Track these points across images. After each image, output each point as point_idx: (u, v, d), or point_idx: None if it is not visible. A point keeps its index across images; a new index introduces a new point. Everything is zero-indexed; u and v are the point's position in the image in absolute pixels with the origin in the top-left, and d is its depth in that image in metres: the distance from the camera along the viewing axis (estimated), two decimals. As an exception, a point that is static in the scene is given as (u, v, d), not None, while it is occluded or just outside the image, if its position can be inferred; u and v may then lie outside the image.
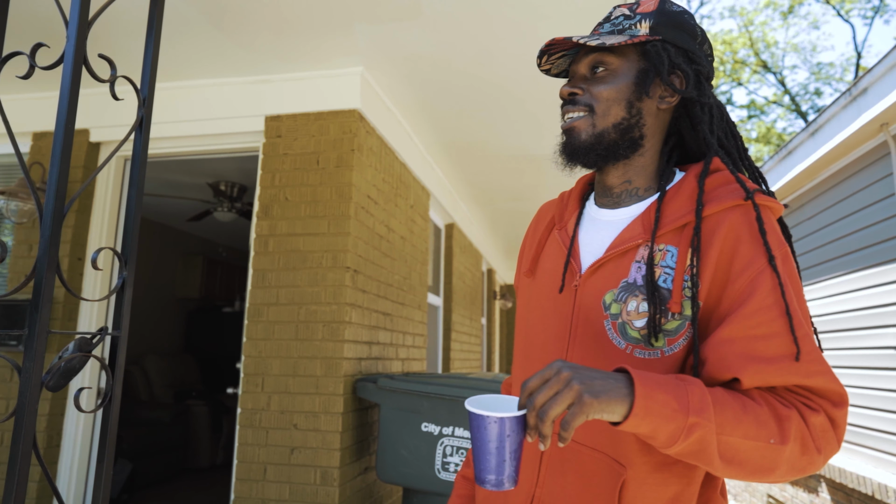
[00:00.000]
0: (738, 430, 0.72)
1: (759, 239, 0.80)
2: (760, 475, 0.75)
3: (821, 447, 0.75)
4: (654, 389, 0.71)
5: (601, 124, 0.92)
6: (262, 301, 2.88)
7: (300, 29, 2.61)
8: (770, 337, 0.76)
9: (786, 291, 0.77)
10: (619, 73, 0.92)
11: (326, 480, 2.65)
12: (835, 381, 0.76)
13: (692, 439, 0.71)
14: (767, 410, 0.74)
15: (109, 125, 3.21)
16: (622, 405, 0.70)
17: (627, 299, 0.85)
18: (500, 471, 0.72)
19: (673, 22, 0.92)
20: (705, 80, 0.94)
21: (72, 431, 3.01)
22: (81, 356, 1.22)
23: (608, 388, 0.70)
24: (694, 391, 0.72)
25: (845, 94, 3.62)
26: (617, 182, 0.95)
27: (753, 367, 0.75)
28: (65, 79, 1.14)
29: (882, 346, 3.55)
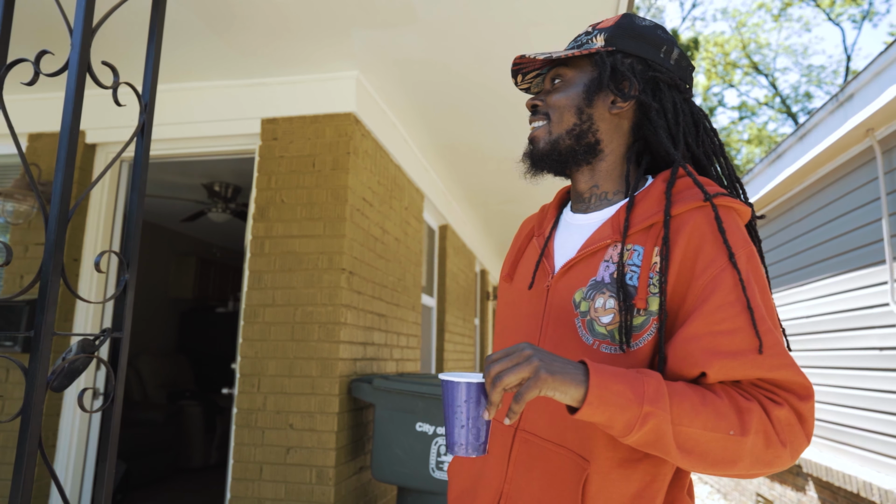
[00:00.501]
0: (697, 422, 0.74)
1: (721, 238, 0.83)
2: (724, 467, 0.77)
3: (785, 440, 0.77)
4: (609, 380, 0.75)
5: (556, 131, 0.98)
6: (258, 302, 2.90)
7: (297, 33, 2.64)
8: (733, 332, 0.78)
9: (748, 288, 0.80)
10: (573, 82, 0.99)
11: (322, 479, 2.68)
12: (799, 374, 0.78)
13: (647, 428, 0.73)
14: (728, 403, 0.77)
15: (106, 127, 3.23)
16: (577, 390, 0.74)
17: (595, 297, 0.89)
18: (460, 435, 0.77)
19: (631, 34, 0.97)
20: (668, 87, 0.97)
21: (67, 431, 3.03)
22: (85, 357, 1.25)
23: (566, 370, 0.75)
24: (650, 382, 0.75)
25: (832, 100, 3.69)
26: (585, 187, 1.01)
27: (718, 362, 0.78)
28: (69, 86, 1.17)
29: (867, 346, 3.62)
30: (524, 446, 0.92)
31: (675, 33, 18.08)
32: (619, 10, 2.52)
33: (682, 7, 22.12)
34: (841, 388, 3.91)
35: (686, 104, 0.99)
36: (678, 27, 19.00)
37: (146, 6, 2.44)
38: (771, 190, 4.81)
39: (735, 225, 0.86)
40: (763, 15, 18.02)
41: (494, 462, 0.96)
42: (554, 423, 0.89)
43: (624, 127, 0.99)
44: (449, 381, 0.78)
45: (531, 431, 0.92)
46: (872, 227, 3.57)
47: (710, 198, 0.86)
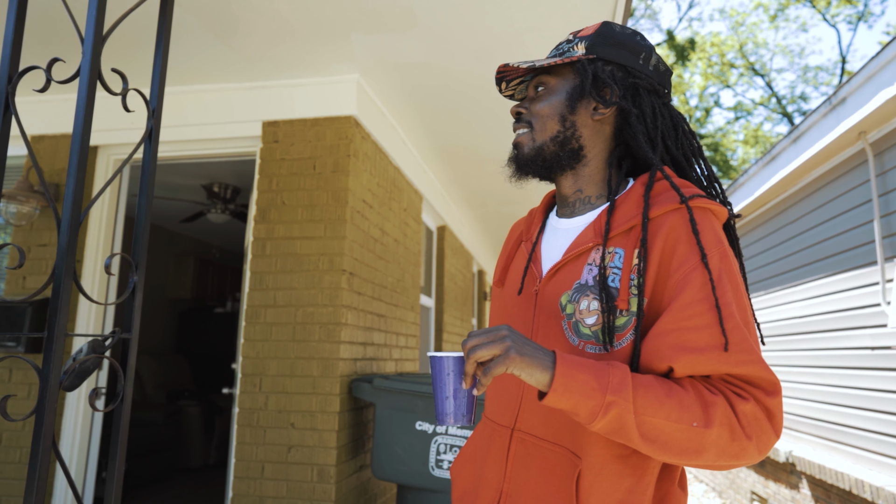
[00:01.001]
0: (661, 413, 0.78)
1: (694, 239, 0.87)
2: (689, 457, 0.80)
3: (751, 434, 0.79)
4: (576, 369, 0.80)
5: (540, 138, 1.02)
6: (259, 303, 2.94)
7: (298, 38, 2.67)
8: (700, 329, 0.81)
9: (718, 286, 0.83)
10: (555, 90, 1.02)
11: (323, 478, 2.72)
12: (766, 370, 0.81)
13: (610, 416, 0.78)
14: (693, 396, 0.80)
15: (108, 129, 3.25)
16: (543, 374, 0.80)
17: (580, 299, 0.92)
18: (446, 405, 0.86)
19: (611, 41, 1.01)
20: (647, 93, 1.01)
21: (70, 431, 3.06)
22: (95, 357, 1.28)
23: (535, 355, 0.81)
24: (615, 373, 0.80)
25: (825, 103, 3.74)
26: (570, 192, 1.04)
27: (684, 357, 0.81)
28: (80, 93, 1.20)
29: (859, 346, 3.67)
30: (521, 446, 0.96)
31: (670, 34, 18.15)
32: (617, 14, 2.56)
33: (679, 8, 22.20)
34: (834, 387, 3.96)
35: (665, 108, 1.03)
36: (674, 28, 19.08)
37: (151, 11, 2.47)
38: (766, 191, 4.86)
39: (709, 225, 0.89)
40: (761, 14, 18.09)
41: (494, 462, 1.00)
42: (549, 423, 0.93)
43: (606, 132, 1.03)
44: (434, 356, 0.86)
45: (527, 431, 0.96)
46: (864, 229, 3.63)
47: (686, 200, 0.89)
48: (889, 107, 3.16)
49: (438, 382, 0.86)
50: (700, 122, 19.17)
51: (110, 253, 3.22)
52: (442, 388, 0.85)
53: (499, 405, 1.03)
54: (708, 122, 19.33)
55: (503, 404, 1.02)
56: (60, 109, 3.34)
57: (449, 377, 0.85)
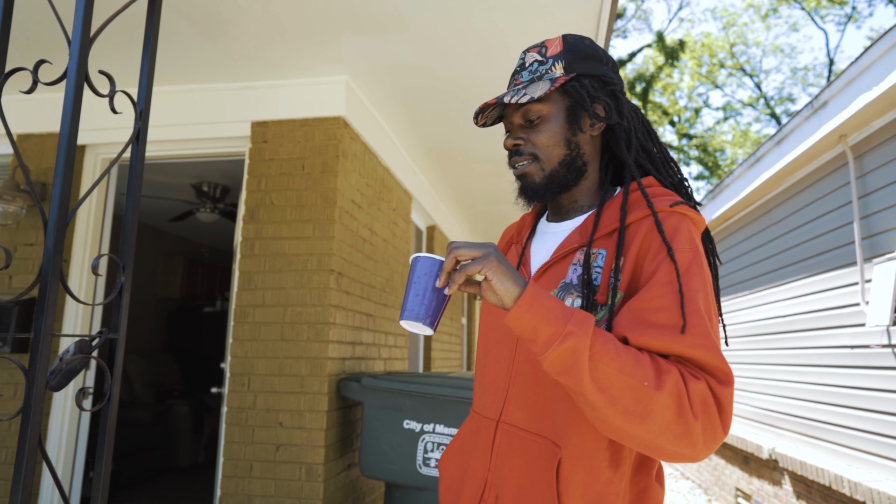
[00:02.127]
0: (615, 363, 0.79)
1: (672, 236, 0.91)
2: (634, 419, 0.78)
3: (698, 414, 0.78)
4: (544, 297, 0.83)
5: (549, 166, 1.03)
6: (248, 303, 2.95)
7: (287, 39, 2.69)
8: (661, 309, 0.85)
9: (684, 276, 0.87)
10: (551, 117, 1.02)
11: (311, 476, 2.74)
12: (720, 358, 0.82)
13: (566, 346, 0.78)
14: (648, 358, 0.81)
15: (95, 128, 3.25)
16: (514, 287, 0.83)
17: (565, 297, 0.97)
18: (414, 303, 0.88)
19: (582, 55, 1.04)
20: (621, 94, 1.06)
21: (57, 431, 3.06)
22: (82, 358, 1.30)
23: (511, 271, 0.85)
24: (580, 312, 0.83)
25: (808, 106, 3.80)
26: (567, 203, 1.09)
27: (640, 330, 0.84)
28: (67, 95, 1.22)
29: (839, 345, 3.74)
30: (505, 437, 0.99)
31: (660, 35, 18.26)
32: (602, 18, 2.59)
33: (669, 9, 22.34)
34: (815, 385, 4.03)
35: (630, 105, 1.07)
36: (665, 28, 19.19)
37: (138, 11, 2.47)
38: (750, 193, 4.92)
39: (686, 228, 0.93)
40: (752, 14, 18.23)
41: (479, 453, 1.03)
42: (532, 415, 0.97)
43: (598, 143, 1.08)
44: (416, 256, 0.89)
45: (512, 423, 0.99)
46: (845, 230, 3.69)
47: (653, 208, 0.94)
48: (868, 110, 3.23)
49: (414, 281, 0.88)
50: (690, 123, 19.31)
51: (98, 252, 3.22)
52: (416, 286, 0.87)
53: (485, 398, 1.07)
54: (697, 122, 19.47)
55: (489, 398, 1.06)
56: (47, 108, 3.33)
57: (426, 277, 0.88)
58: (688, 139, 19.02)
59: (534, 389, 0.98)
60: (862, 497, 3.10)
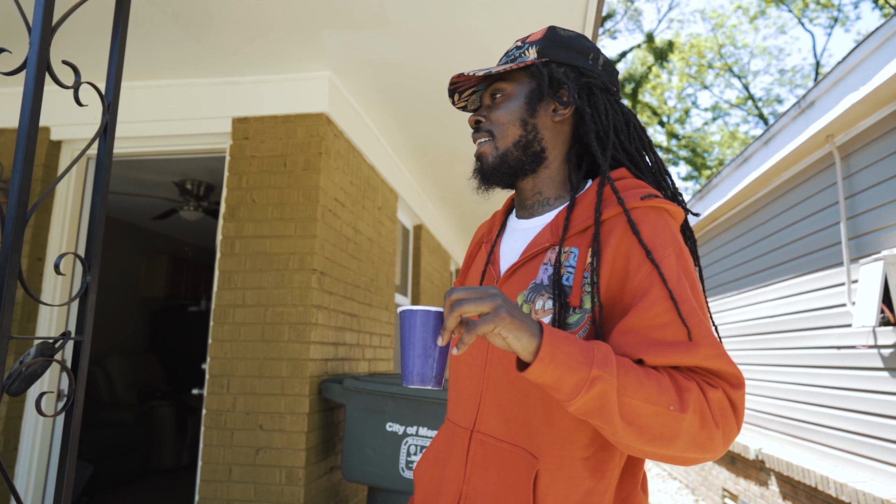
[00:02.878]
0: (640, 394, 0.76)
1: (652, 238, 0.87)
2: (662, 443, 0.78)
3: (718, 422, 0.79)
4: (562, 341, 0.77)
5: (502, 145, 1.01)
6: (228, 303, 2.89)
7: (268, 33, 2.63)
8: (667, 325, 0.82)
9: (678, 284, 0.84)
10: (513, 96, 1.02)
11: (292, 480, 2.68)
12: (731, 364, 0.82)
13: (593, 392, 0.75)
14: (669, 380, 0.79)
15: (71, 123, 3.18)
16: (530, 340, 0.75)
17: (535, 299, 0.92)
18: (416, 365, 0.77)
19: (560, 44, 1.02)
20: (600, 91, 1.02)
21: (30, 435, 2.98)
22: (43, 361, 1.24)
23: (524, 319, 0.77)
24: (600, 348, 0.78)
25: (795, 106, 3.79)
26: (529, 194, 1.05)
27: (654, 350, 0.81)
28: (27, 85, 1.16)
29: (824, 345, 3.73)
30: (480, 447, 0.95)
31: (650, 36, 18.31)
32: (588, 15, 2.56)
33: (659, 10, 22.43)
34: (801, 386, 4.02)
35: (617, 104, 1.04)
36: (655, 29, 19.26)
37: (111, 4, 2.41)
38: (738, 193, 4.92)
39: (664, 224, 0.89)
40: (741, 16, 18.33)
41: (454, 465, 0.99)
42: (507, 424, 0.92)
43: (565, 132, 1.04)
44: (407, 310, 0.79)
45: (486, 433, 0.95)
46: (831, 231, 3.69)
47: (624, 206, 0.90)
48: (855, 110, 3.22)
49: (408, 339, 0.78)
50: (679, 123, 19.39)
51: (74, 250, 3.15)
52: (412, 345, 0.78)
53: (459, 407, 1.03)
54: (686, 122, 19.56)
55: (463, 406, 1.01)
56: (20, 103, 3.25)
57: (423, 333, 0.78)
58: (677, 139, 19.11)
59: (508, 397, 0.93)
60: (848, 498, 3.09)
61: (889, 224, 3.12)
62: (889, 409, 3.10)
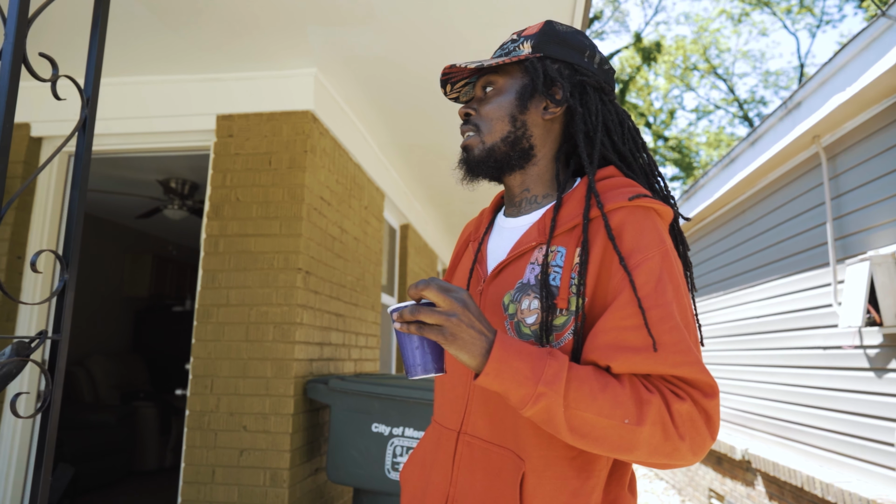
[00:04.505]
0: (593, 407, 0.77)
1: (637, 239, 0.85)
2: (621, 453, 0.79)
3: (684, 434, 0.79)
4: (513, 357, 0.78)
5: (489, 140, 0.99)
6: (211, 302, 2.85)
7: (252, 29, 2.60)
8: (638, 328, 0.81)
9: (657, 286, 0.82)
10: (504, 90, 1.00)
11: (276, 482, 2.65)
12: (703, 372, 0.80)
13: (539, 407, 0.78)
14: (629, 393, 0.79)
15: (52, 120, 3.12)
16: (473, 359, 0.79)
17: (521, 299, 0.91)
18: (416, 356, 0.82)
19: (556, 39, 1.00)
20: (593, 90, 1.00)
21: (8, 436, 2.92)
22: (19, 361, 1.20)
23: (473, 342, 0.79)
24: (552, 364, 0.78)
25: (781, 107, 3.81)
26: (517, 191, 1.03)
27: (621, 356, 0.80)
28: (2, 79, 1.12)
29: (811, 346, 3.75)
30: (467, 449, 0.94)
31: (637, 37, 18.41)
32: (576, 13, 2.55)
33: (646, 13, 22.57)
34: (788, 386, 4.04)
35: (611, 104, 1.02)
36: (641, 31, 19.37)
37: None
38: (724, 193, 4.94)
39: (651, 225, 0.87)
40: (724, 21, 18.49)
41: (441, 467, 0.98)
42: (494, 426, 0.91)
43: (555, 130, 1.02)
44: (396, 307, 0.83)
45: (473, 434, 0.94)
46: (818, 231, 3.71)
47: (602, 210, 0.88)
48: (841, 111, 3.24)
49: (403, 334, 0.82)
50: (665, 124, 19.51)
51: (56, 248, 3.09)
52: (409, 338, 0.82)
53: (446, 408, 1.01)
54: (672, 123, 19.68)
55: (450, 407, 1.00)
56: (2, 98, 3.18)
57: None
58: (663, 140, 19.23)
59: (495, 399, 0.92)
60: (834, 498, 3.10)
61: (875, 224, 3.14)
62: (874, 409, 3.12)
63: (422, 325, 0.79)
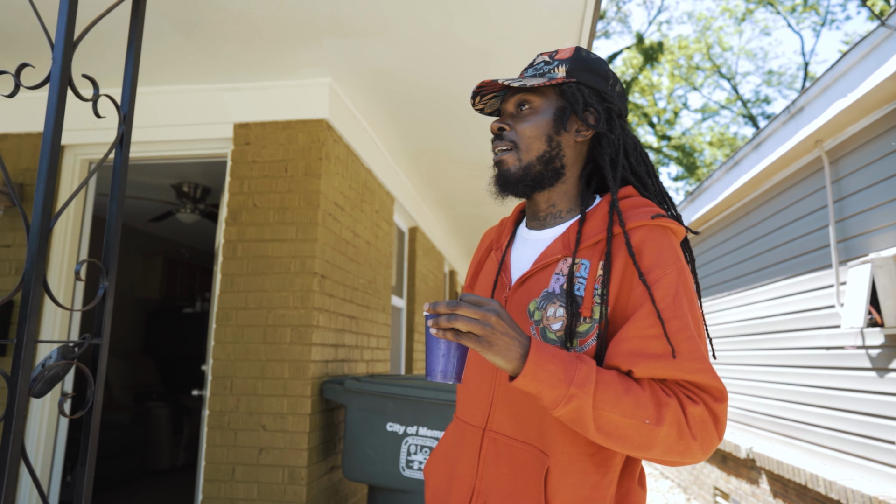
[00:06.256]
0: (617, 409, 0.85)
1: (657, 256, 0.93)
2: (640, 450, 0.87)
3: (696, 434, 0.87)
4: (547, 361, 0.86)
5: (526, 158, 1.06)
6: (230, 305, 2.93)
7: (269, 41, 2.68)
8: (658, 337, 0.89)
9: (675, 300, 0.90)
10: (541, 110, 1.06)
11: (294, 479, 2.73)
12: (715, 378, 0.89)
13: (570, 407, 0.85)
14: (649, 395, 0.87)
15: (75, 129, 3.20)
16: (510, 363, 0.85)
17: (547, 306, 0.98)
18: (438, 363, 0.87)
19: (587, 67, 1.07)
20: (617, 117, 1.08)
21: (35, 437, 3.01)
22: (65, 364, 1.28)
23: (508, 347, 0.85)
24: (582, 368, 0.86)
25: (785, 111, 3.88)
26: (544, 206, 1.10)
27: (643, 362, 0.88)
28: (51, 100, 1.21)
29: (814, 346, 3.82)
30: (492, 445, 1.01)
31: (640, 37, 18.44)
32: (584, 25, 2.62)
33: (649, 12, 22.59)
34: (791, 386, 4.11)
35: (627, 129, 1.10)
36: (644, 31, 19.39)
37: (121, 12, 2.44)
38: (729, 196, 5.00)
39: (668, 242, 0.96)
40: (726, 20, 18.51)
41: (466, 461, 1.05)
42: (518, 423, 0.99)
43: (583, 152, 1.09)
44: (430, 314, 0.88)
45: (498, 431, 1.01)
46: (820, 233, 3.77)
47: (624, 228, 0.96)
48: (843, 116, 3.30)
49: (433, 339, 0.88)
50: (669, 124, 19.53)
51: (77, 254, 3.18)
52: (437, 344, 0.87)
53: (470, 406, 1.08)
54: (677, 123, 19.71)
55: (474, 406, 1.07)
56: (24, 108, 3.28)
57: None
58: (667, 140, 19.25)
59: (519, 398, 0.99)
60: (837, 496, 3.17)
61: (876, 227, 3.21)
62: (876, 408, 3.18)
63: (457, 332, 0.85)
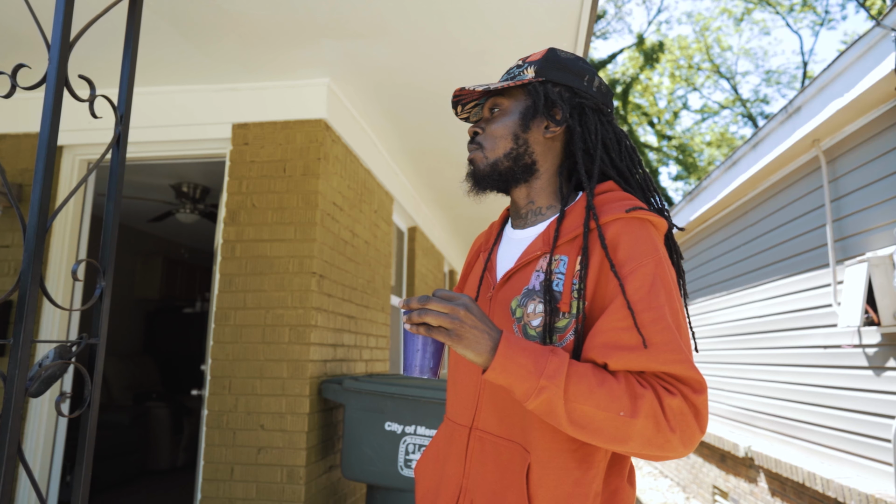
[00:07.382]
0: (590, 401, 0.85)
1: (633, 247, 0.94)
2: (616, 443, 0.87)
3: (675, 427, 0.85)
4: (518, 353, 0.87)
5: (492, 155, 1.10)
6: (228, 305, 2.94)
7: (268, 41, 2.68)
8: (630, 329, 0.89)
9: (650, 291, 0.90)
10: (509, 111, 1.10)
11: (293, 479, 2.74)
12: (692, 369, 0.88)
13: (541, 399, 0.86)
14: (624, 387, 0.86)
15: (72, 129, 3.21)
16: (479, 356, 0.88)
17: (527, 303, 1.00)
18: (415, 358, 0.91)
19: (557, 65, 1.09)
20: (592, 112, 1.09)
21: (33, 435, 3.01)
22: (62, 363, 1.29)
23: (478, 341, 0.88)
24: (553, 360, 0.87)
25: (782, 111, 3.88)
26: (524, 203, 1.13)
27: (616, 354, 0.88)
28: (47, 100, 1.21)
29: (811, 345, 3.83)
30: (478, 443, 1.03)
31: (640, 38, 18.45)
32: (581, 23, 2.63)
33: (649, 12, 22.61)
34: (789, 385, 4.11)
35: (609, 125, 1.11)
36: (644, 31, 19.41)
37: (118, 12, 2.45)
38: (727, 195, 5.01)
39: (646, 236, 0.96)
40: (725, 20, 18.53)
41: (454, 460, 1.06)
42: (503, 421, 1.00)
43: (556, 148, 1.11)
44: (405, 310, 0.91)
45: (484, 430, 1.03)
46: (818, 233, 3.78)
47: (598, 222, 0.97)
48: (840, 116, 3.31)
49: (409, 334, 0.91)
50: (669, 124, 19.54)
51: (75, 254, 3.18)
52: (412, 339, 0.90)
53: (458, 406, 1.10)
54: (676, 123, 19.72)
55: (462, 405, 1.09)
56: (22, 108, 3.28)
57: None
58: (667, 140, 19.26)
59: (503, 395, 1.01)
60: (834, 494, 3.18)
61: (873, 226, 3.22)
62: (873, 406, 3.19)
63: (429, 327, 0.87)
